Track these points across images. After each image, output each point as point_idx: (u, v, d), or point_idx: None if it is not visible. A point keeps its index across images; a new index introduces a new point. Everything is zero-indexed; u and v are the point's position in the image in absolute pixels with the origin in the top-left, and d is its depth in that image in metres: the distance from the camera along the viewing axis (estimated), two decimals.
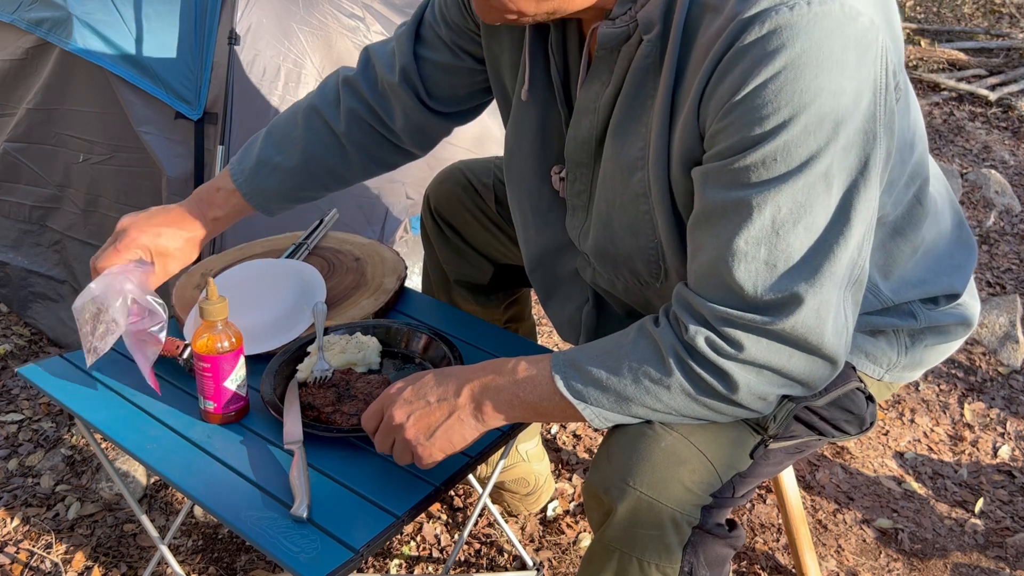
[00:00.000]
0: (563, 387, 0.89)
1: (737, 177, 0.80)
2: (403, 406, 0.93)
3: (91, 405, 1.11)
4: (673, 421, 0.90)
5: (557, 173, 1.07)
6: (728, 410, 0.88)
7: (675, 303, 0.88)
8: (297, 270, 1.33)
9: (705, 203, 0.83)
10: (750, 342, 0.82)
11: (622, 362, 0.87)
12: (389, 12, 2.17)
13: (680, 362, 0.85)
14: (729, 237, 0.81)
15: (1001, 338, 2.19)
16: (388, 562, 1.54)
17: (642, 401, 0.87)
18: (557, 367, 0.90)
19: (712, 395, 0.86)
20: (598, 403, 0.88)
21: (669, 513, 0.89)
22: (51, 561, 1.52)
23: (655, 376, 0.86)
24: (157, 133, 1.83)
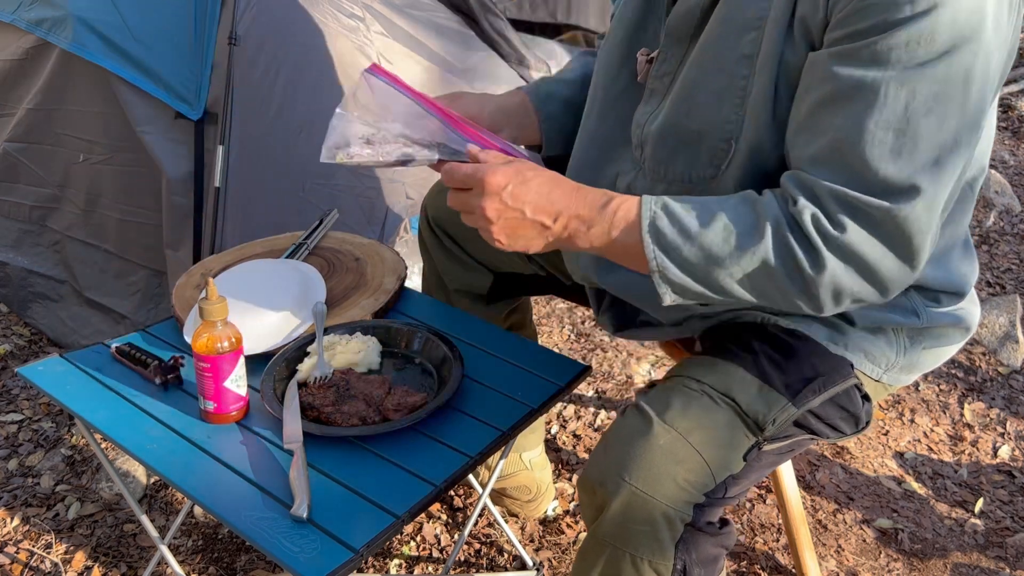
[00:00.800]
0: (646, 227, 0.88)
1: (876, 57, 0.80)
2: (498, 204, 0.91)
3: (91, 405, 1.11)
4: (736, 296, 0.89)
5: (645, 55, 1.06)
6: (797, 296, 0.87)
7: (786, 181, 0.87)
8: (297, 270, 1.33)
9: (835, 83, 0.82)
10: (854, 228, 0.82)
11: (716, 218, 0.86)
12: (389, 12, 2.17)
13: (776, 232, 0.84)
14: (859, 118, 0.81)
15: (1001, 338, 2.19)
16: (388, 562, 1.54)
17: (722, 262, 0.86)
18: (647, 204, 0.89)
19: (792, 273, 0.85)
20: (675, 252, 0.87)
21: (662, 509, 0.89)
22: (51, 561, 1.52)
23: (744, 241, 0.85)
24: (157, 133, 1.83)
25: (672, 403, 0.94)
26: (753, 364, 0.97)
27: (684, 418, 0.93)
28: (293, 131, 1.90)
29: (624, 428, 0.94)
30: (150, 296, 1.98)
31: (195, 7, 1.84)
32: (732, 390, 0.95)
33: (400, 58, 2.12)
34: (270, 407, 1.07)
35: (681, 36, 1.00)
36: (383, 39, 2.10)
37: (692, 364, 1.01)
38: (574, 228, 0.92)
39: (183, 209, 1.84)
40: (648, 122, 1.04)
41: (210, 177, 1.82)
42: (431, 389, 1.15)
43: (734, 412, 0.95)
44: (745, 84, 0.91)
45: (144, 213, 1.93)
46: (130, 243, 1.97)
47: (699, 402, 0.94)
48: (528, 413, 1.12)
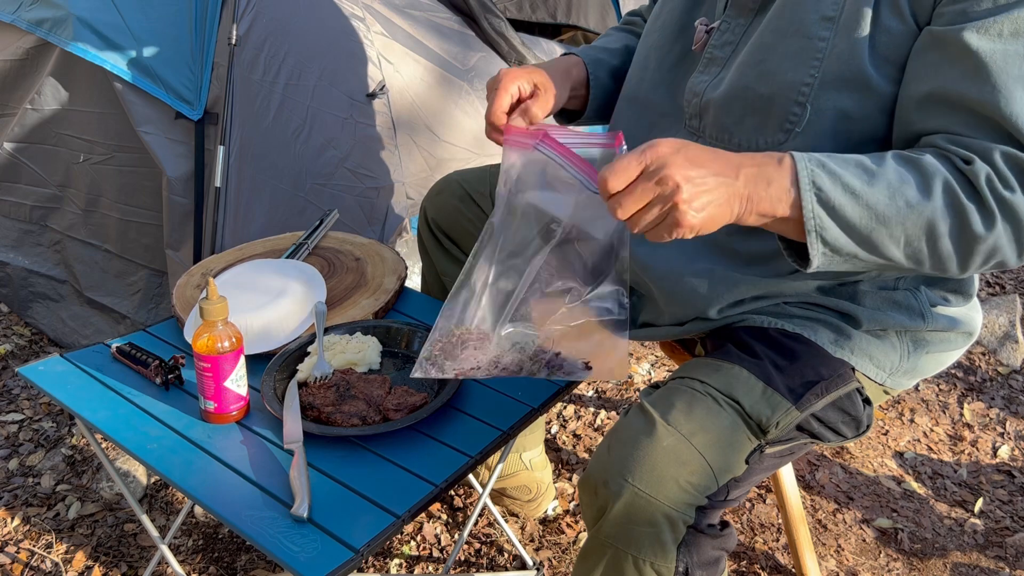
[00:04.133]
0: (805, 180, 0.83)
1: (1018, 29, 0.83)
2: (686, 167, 0.80)
3: (91, 405, 1.11)
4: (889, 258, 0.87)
5: (704, 25, 1.06)
6: (953, 256, 0.86)
7: (948, 144, 0.87)
8: (297, 270, 1.33)
9: (976, 55, 0.84)
10: (1022, 188, 0.83)
11: (879, 176, 0.85)
12: (389, 12, 2.17)
13: (947, 191, 0.84)
14: (1008, 89, 0.83)
15: (1001, 338, 2.19)
16: (388, 562, 1.54)
17: (888, 221, 0.84)
18: (801, 162, 0.84)
19: (960, 233, 0.85)
20: (839, 212, 0.83)
21: (665, 511, 0.89)
22: (51, 561, 1.52)
23: (913, 198, 0.84)
24: (157, 133, 1.83)
25: (676, 404, 0.94)
26: (757, 367, 0.97)
27: (688, 420, 0.93)
28: (293, 131, 1.90)
29: (628, 429, 0.94)
30: (150, 296, 1.98)
31: (195, 7, 1.84)
32: (736, 393, 0.95)
33: (400, 58, 2.12)
34: (270, 407, 1.08)
35: (748, 5, 1.01)
36: (383, 39, 2.10)
37: (696, 366, 1.01)
38: (755, 182, 0.83)
39: (183, 209, 1.84)
40: (707, 90, 1.04)
41: (210, 177, 1.82)
42: (431, 389, 1.15)
43: (737, 415, 0.95)
44: (824, 46, 0.92)
45: (144, 213, 1.93)
46: (130, 243, 1.98)
47: (703, 404, 0.94)
48: (528, 413, 1.12)
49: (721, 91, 1.01)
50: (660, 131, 1.11)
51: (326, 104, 1.94)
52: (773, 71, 0.96)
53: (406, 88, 2.12)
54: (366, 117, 2.02)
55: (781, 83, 0.95)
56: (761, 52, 0.97)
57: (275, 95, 1.87)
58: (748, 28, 1.02)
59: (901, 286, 1.06)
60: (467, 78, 2.27)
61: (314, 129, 1.93)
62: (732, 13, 1.03)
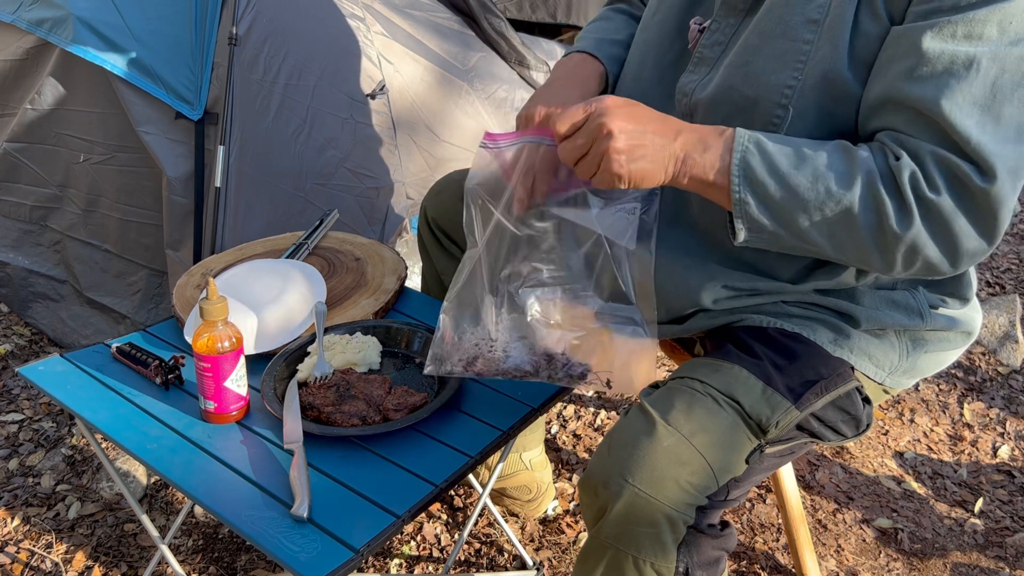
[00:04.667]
0: (737, 156, 0.88)
1: (970, 33, 0.82)
2: (623, 120, 0.89)
3: (91, 405, 1.11)
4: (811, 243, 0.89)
5: (698, 24, 1.07)
6: (873, 250, 0.87)
7: (886, 139, 0.88)
8: (297, 270, 1.33)
9: (926, 56, 0.84)
10: (949, 192, 0.83)
11: (808, 161, 0.87)
12: (389, 12, 2.17)
13: (868, 184, 0.85)
14: (950, 91, 0.82)
15: (1001, 338, 2.19)
16: (388, 562, 1.54)
17: (806, 206, 0.87)
18: (740, 139, 0.89)
19: (876, 227, 0.86)
20: (761, 189, 0.87)
21: (665, 511, 0.89)
22: (51, 561, 1.52)
23: (834, 187, 0.86)
24: (157, 133, 1.83)
25: (676, 404, 0.94)
26: (756, 367, 0.97)
27: (688, 420, 0.93)
28: (293, 131, 1.90)
29: (628, 429, 0.94)
30: (150, 296, 1.98)
31: (195, 7, 1.84)
32: (736, 392, 0.95)
33: (400, 58, 2.12)
34: (270, 407, 1.08)
35: (738, 6, 1.01)
36: (383, 39, 2.10)
37: (696, 366, 1.01)
38: (692, 147, 0.90)
39: (183, 209, 1.84)
40: (696, 90, 1.05)
41: (210, 177, 1.82)
42: (431, 389, 1.15)
43: (737, 414, 0.94)
44: (809, 48, 0.93)
45: (144, 213, 1.93)
46: (130, 243, 1.98)
47: (703, 404, 0.94)
48: (528, 413, 1.12)
49: (709, 91, 1.02)
50: None
51: (326, 104, 1.94)
52: (758, 72, 0.96)
53: (406, 88, 2.12)
54: (366, 117, 2.02)
55: (765, 85, 0.96)
56: (747, 53, 0.98)
57: (275, 95, 1.87)
58: (738, 28, 1.02)
59: (900, 286, 1.06)
60: (467, 78, 2.27)
61: (314, 129, 1.93)
62: (723, 13, 1.03)
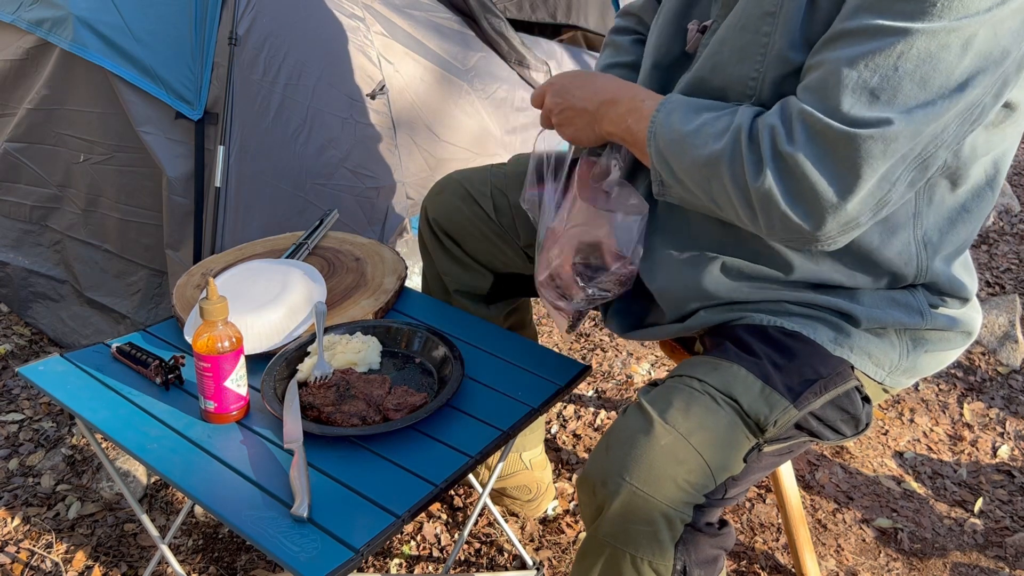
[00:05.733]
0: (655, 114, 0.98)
1: (890, 7, 0.83)
2: (553, 95, 1.13)
3: (91, 405, 1.11)
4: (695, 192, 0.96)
5: (696, 26, 1.08)
6: (740, 204, 0.91)
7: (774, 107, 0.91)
8: (297, 270, 1.34)
9: (843, 25, 0.86)
10: (805, 145, 0.85)
11: (703, 116, 0.95)
12: (389, 12, 2.17)
13: (733, 137, 0.90)
14: (853, 56, 0.84)
15: (1001, 338, 2.19)
16: (388, 561, 1.54)
17: (687, 148, 0.94)
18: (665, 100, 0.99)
19: (736, 179, 0.90)
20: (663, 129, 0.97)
21: (662, 510, 0.89)
22: (51, 561, 1.52)
23: (710, 138, 0.92)
24: (157, 133, 1.83)
25: (674, 403, 0.94)
26: (755, 365, 0.97)
27: (686, 419, 0.93)
28: (293, 131, 1.90)
29: (625, 428, 0.94)
30: (150, 296, 1.98)
31: (195, 7, 1.84)
32: (734, 391, 0.95)
33: (400, 58, 2.13)
34: (270, 407, 1.08)
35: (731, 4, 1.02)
36: (383, 39, 2.10)
37: (694, 364, 1.01)
38: (607, 108, 1.05)
39: (183, 209, 1.84)
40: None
41: (210, 177, 1.82)
42: (431, 389, 1.15)
43: (735, 413, 0.95)
44: (766, 41, 0.94)
45: (144, 213, 1.93)
46: (130, 243, 1.98)
47: (701, 402, 0.94)
48: (528, 413, 1.12)
49: (686, 79, 1.05)
50: None
51: (326, 104, 1.95)
52: (723, 64, 0.99)
53: (406, 88, 2.12)
54: (366, 117, 2.02)
55: (730, 77, 0.98)
56: (717, 45, 1.00)
57: (275, 95, 1.87)
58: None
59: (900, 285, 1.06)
60: (467, 78, 2.27)
61: (314, 129, 1.93)
62: (724, 13, 1.04)
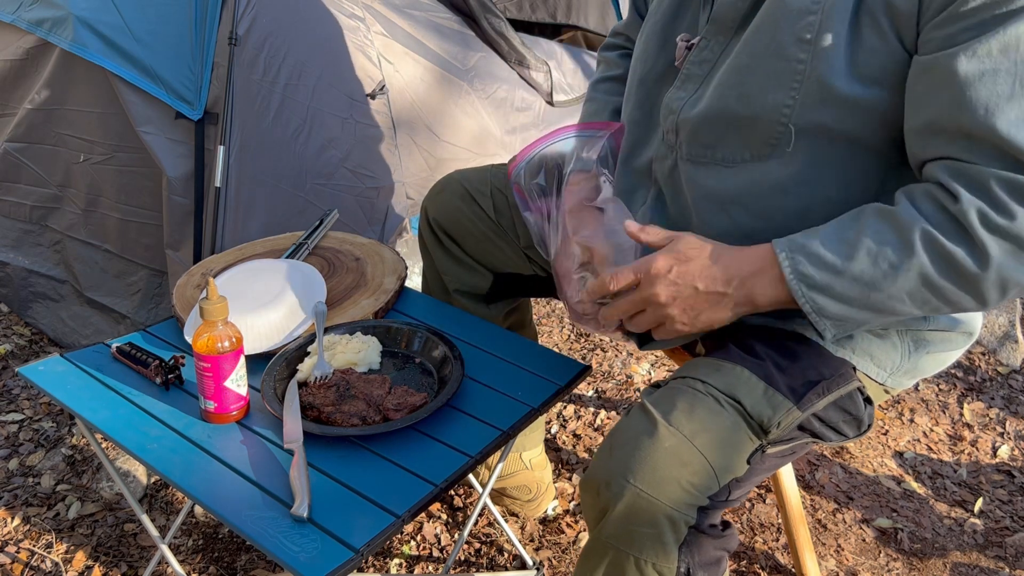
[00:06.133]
0: (789, 272, 0.89)
1: (1007, 46, 0.81)
2: (670, 287, 0.94)
3: (91, 405, 1.11)
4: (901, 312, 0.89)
5: (684, 41, 1.06)
6: (962, 298, 0.86)
7: (940, 173, 0.87)
8: (297, 270, 1.33)
9: (965, 78, 0.83)
10: (1019, 206, 0.81)
11: (858, 246, 0.87)
12: (389, 12, 2.17)
13: (927, 242, 0.84)
14: (1001, 110, 0.81)
15: (1001, 338, 2.19)
16: (388, 561, 1.54)
17: (878, 285, 0.87)
18: (781, 253, 0.90)
19: (954, 277, 0.85)
20: (828, 291, 0.88)
21: (666, 512, 0.89)
22: (52, 561, 1.52)
23: (896, 259, 0.86)
24: (158, 133, 1.83)
25: (678, 404, 0.94)
26: (758, 367, 0.97)
27: (690, 420, 0.93)
28: (293, 131, 1.90)
29: (629, 429, 0.94)
30: (150, 296, 1.98)
31: (195, 7, 1.84)
32: (737, 392, 0.95)
33: (400, 58, 2.13)
34: (270, 407, 1.08)
35: (727, 25, 1.01)
36: (383, 39, 2.10)
37: (697, 366, 1.01)
38: (750, 286, 0.93)
39: (183, 209, 1.84)
40: (684, 108, 1.04)
41: (210, 177, 1.82)
42: (431, 389, 1.15)
43: (739, 415, 0.94)
44: (803, 68, 0.92)
45: (144, 213, 1.93)
46: (130, 243, 1.98)
47: (704, 404, 0.94)
48: (528, 413, 1.12)
49: (699, 110, 1.02)
50: (648, 146, 1.12)
51: (326, 104, 1.94)
52: (753, 93, 0.96)
53: (406, 88, 2.12)
54: (366, 117, 2.02)
55: (763, 105, 0.95)
56: (739, 74, 0.97)
57: (275, 95, 1.87)
58: (727, 47, 1.01)
59: None
60: (467, 78, 2.27)
61: (314, 129, 1.93)
62: (712, 30, 1.02)
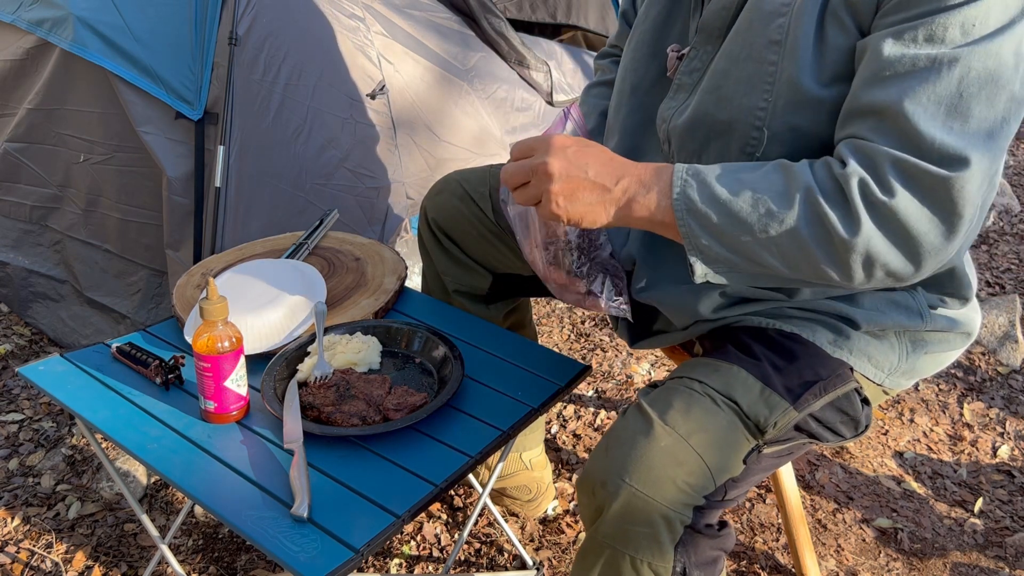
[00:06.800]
0: (677, 191, 0.89)
1: (932, 37, 0.82)
2: (562, 160, 0.91)
3: (91, 405, 1.11)
4: (767, 265, 0.89)
5: (675, 51, 1.07)
6: (826, 263, 0.86)
7: (841, 147, 0.87)
8: (297, 270, 1.34)
9: (889, 61, 0.84)
10: (904, 193, 0.82)
11: (745, 185, 0.87)
12: (389, 12, 2.17)
13: (807, 198, 0.85)
14: (914, 93, 0.82)
15: (1000, 338, 2.19)
16: (388, 561, 1.54)
17: (751, 228, 0.87)
18: (678, 173, 0.90)
19: (823, 239, 0.85)
20: (705, 219, 0.88)
21: (662, 511, 0.89)
22: (52, 561, 1.52)
23: (774, 206, 0.86)
24: (157, 133, 1.83)
25: (674, 404, 0.94)
26: (755, 367, 0.97)
27: (686, 420, 0.93)
28: (293, 131, 1.90)
29: (625, 429, 0.94)
30: (150, 296, 1.98)
31: (195, 7, 1.84)
32: (734, 392, 0.95)
33: (400, 58, 2.13)
34: (270, 407, 1.08)
35: (714, 32, 1.01)
36: (383, 39, 2.10)
37: (694, 366, 1.01)
38: (634, 191, 0.91)
39: (183, 209, 1.84)
40: (674, 117, 1.05)
41: (210, 177, 1.82)
42: (431, 389, 1.15)
43: (735, 414, 0.95)
44: (774, 70, 0.93)
45: (144, 213, 1.94)
46: (130, 243, 1.98)
47: (701, 404, 0.94)
48: (528, 413, 1.12)
49: (685, 118, 1.02)
50: (646, 155, 1.13)
51: (326, 104, 1.94)
52: (730, 96, 0.97)
53: (406, 88, 2.12)
54: (366, 117, 2.02)
55: (738, 108, 0.96)
56: (718, 78, 0.98)
57: (275, 95, 1.87)
58: (714, 55, 1.01)
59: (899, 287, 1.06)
60: (467, 78, 2.27)
61: (314, 129, 1.93)
62: (700, 40, 1.03)
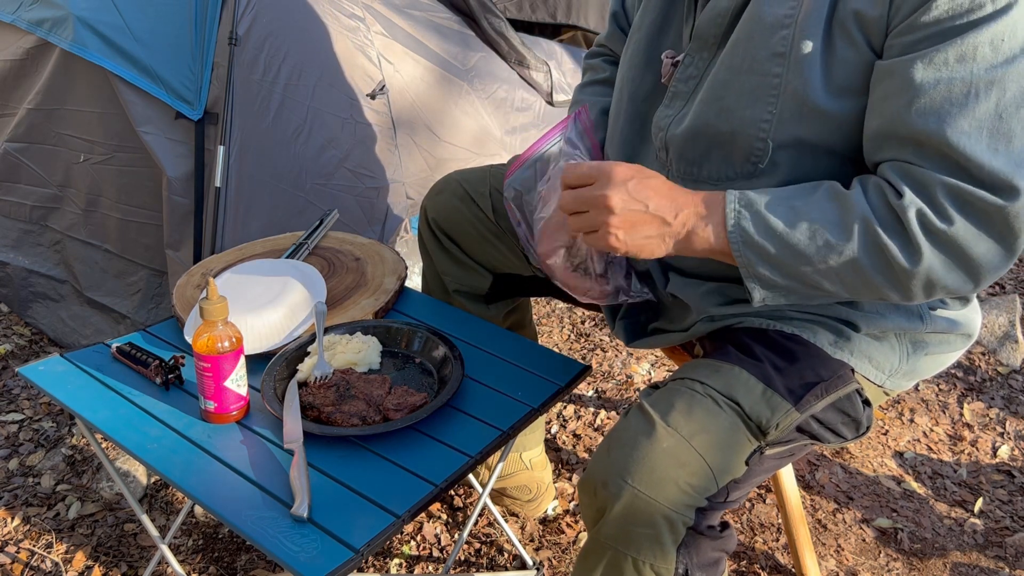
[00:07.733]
0: (731, 224, 0.89)
1: (963, 57, 0.80)
2: (623, 194, 0.91)
3: (91, 405, 1.11)
4: (826, 291, 0.90)
5: (670, 58, 1.06)
6: (887, 288, 0.87)
7: (891, 172, 0.87)
8: (297, 270, 1.33)
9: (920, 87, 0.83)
10: (962, 222, 0.82)
11: (801, 216, 0.87)
12: (389, 12, 2.17)
13: (864, 229, 0.85)
14: (954, 121, 0.81)
15: (1001, 338, 2.19)
16: (388, 561, 1.54)
17: (810, 260, 0.87)
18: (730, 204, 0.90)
19: (883, 268, 0.86)
20: (762, 251, 0.89)
21: (664, 512, 0.89)
22: (52, 561, 1.52)
23: (832, 237, 0.86)
24: (157, 133, 1.83)
25: (676, 405, 0.94)
26: (757, 368, 0.97)
27: (688, 421, 0.93)
28: (293, 131, 1.90)
29: (627, 430, 0.94)
30: (150, 296, 1.98)
31: (195, 7, 1.84)
32: (736, 394, 0.95)
33: (400, 58, 2.13)
34: (270, 407, 1.08)
35: (709, 40, 1.01)
36: (383, 39, 2.10)
37: (696, 367, 1.01)
38: (693, 224, 0.92)
39: (183, 209, 1.84)
40: (671, 125, 1.05)
41: (210, 177, 1.82)
42: (431, 389, 1.15)
43: (737, 416, 0.95)
44: (778, 82, 0.93)
45: (144, 213, 1.94)
46: (130, 243, 1.98)
47: (703, 405, 0.94)
48: (528, 413, 1.12)
49: (684, 127, 1.02)
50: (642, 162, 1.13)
51: (326, 104, 1.95)
52: (732, 108, 0.96)
53: (406, 88, 2.12)
54: (366, 117, 2.02)
55: (741, 120, 0.96)
56: (719, 89, 0.98)
57: (275, 95, 1.87)
58: (711, 62, 1.01)
59: None
60: (467, 78, 2.27)
61: (314, 129, 1.93)
62: (695, 47, 1.03)
